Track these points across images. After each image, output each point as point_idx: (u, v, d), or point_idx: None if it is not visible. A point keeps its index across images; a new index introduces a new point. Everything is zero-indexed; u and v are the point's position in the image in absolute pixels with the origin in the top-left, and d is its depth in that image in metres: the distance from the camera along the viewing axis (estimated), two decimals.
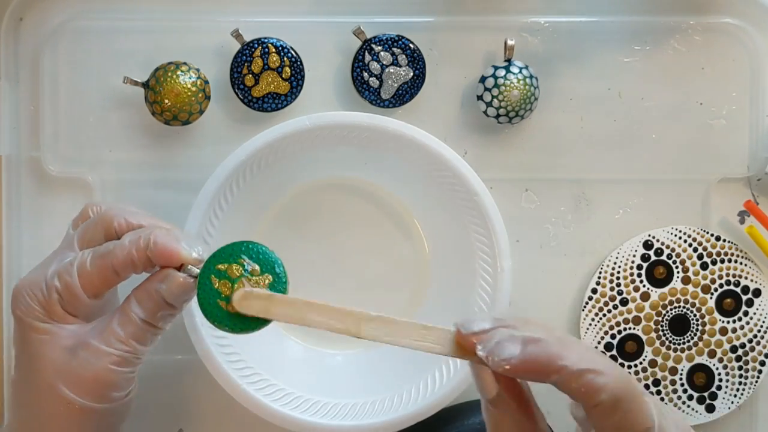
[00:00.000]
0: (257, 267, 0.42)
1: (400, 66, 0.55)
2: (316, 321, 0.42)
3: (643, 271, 0.57)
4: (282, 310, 0.42)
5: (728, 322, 0.57)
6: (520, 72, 0.55)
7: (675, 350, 0.57)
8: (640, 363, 0.57)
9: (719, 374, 0.57)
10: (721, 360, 0.57)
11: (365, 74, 0.55)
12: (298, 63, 0.55)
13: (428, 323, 0.41)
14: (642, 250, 0.57)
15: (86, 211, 0.48)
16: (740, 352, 0.57)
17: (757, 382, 0.57)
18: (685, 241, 0.57)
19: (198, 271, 0.43)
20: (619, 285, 0.57)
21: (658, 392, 0.57)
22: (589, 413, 0.37)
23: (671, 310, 0.57)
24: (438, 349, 0.41)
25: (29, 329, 0.44)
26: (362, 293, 0.57)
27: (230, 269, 0.42)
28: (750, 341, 0.57)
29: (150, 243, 0.43)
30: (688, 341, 0.57)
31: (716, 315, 0.57)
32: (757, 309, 0.57)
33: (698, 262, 0.57)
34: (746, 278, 0.57)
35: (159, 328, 0.44)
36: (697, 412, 0.57)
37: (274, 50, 0.55)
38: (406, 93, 0.56)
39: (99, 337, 0.43)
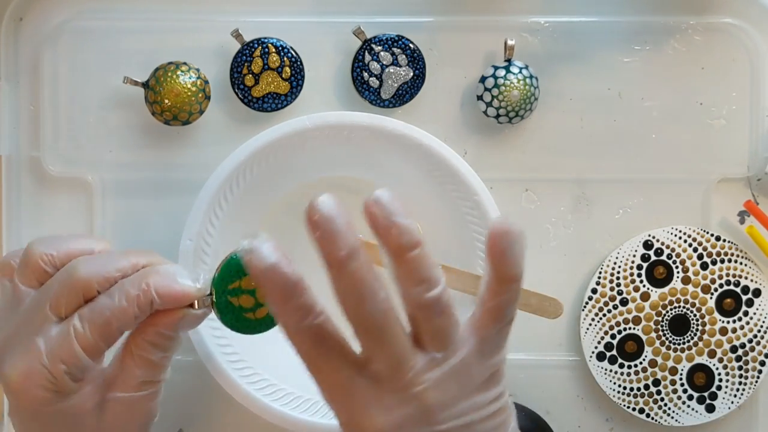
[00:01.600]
0: None
1: (400, 66, 0.55)
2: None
3: (643, 271, 0.57)
4: (369, 253, 0.48)
5: (728, 322, 0.57)
6: (520, 72, 0.55)
7: (675, 350, 0.57)
8: (640, 363, 0.57)
9: (719, 374, 0.57)
10: (721, 360, 0.57)
11: (365, 74, 0.55)
12: (298, 63, 0.55)
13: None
14: (642, 250, 0.57)
15: (8, 264, 0.45)
16: (740, 352, 0.57)
17: (757, 382, 0.57)
18: (685, 241, 0.57)
19: (209, 298, 0.42)
20: (619, 285, 0.57)
21: (658, 392, 0.57)
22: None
23: (671, 310, 0.57)
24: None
25: (51, 416, 0.42)
26: None
27: (244, 282, 0.42)
28: (750, 341, 0.57)
29: (152, 295, 0.41)
30: (688, 341, 0.57)
31: (716, 315, 0.57)
32: (757, 309, 0.57)
33: (698, 262, 0.57)
34: (746, 278, 0.57)
35: (172, 354, 0.45)
36: (697, 412, 0.57)
37: (274, 50, 0.55)
38: (406, 93, 0.56)
39: (125, 387, 0.43)
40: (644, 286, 0.57)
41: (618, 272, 0.57)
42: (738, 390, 0.57)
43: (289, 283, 0.37)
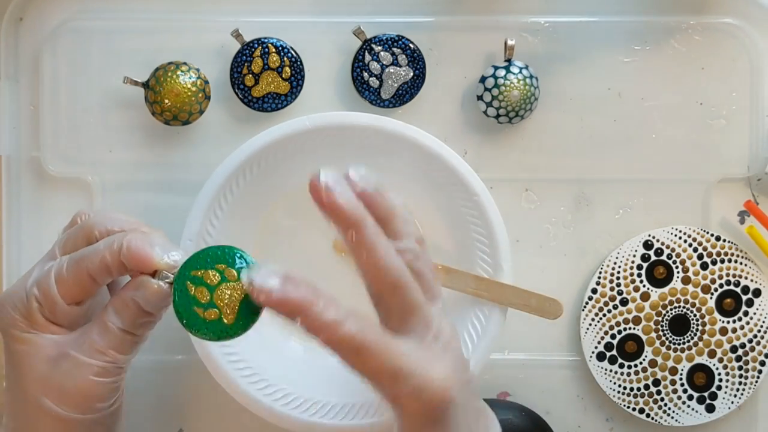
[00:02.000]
0: (234, 272, 0.41)
1: (400, 66, 0.55)
2: None
3: (643, 271, 0.57)
4: None
5: (728, 322, 0.57)
6: (520, 72, 0.55)
7: (675, 350, 0.57)
8: (640, 363, 0.57)
9: (719, 374, 0.57)
10: (721, 360, 0.57)
11: (365, 74, 0.55)
12: (298, 63, 0.55)
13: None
14: (642, 250, 0.57)
15: (75, 219, 0.47)
16: (740, 352, 0.57)
17: (757, 382, 0.57)
18: (685, 241, 0.57)
19: (173, 277, 0.42)
20: (619, 285, 0.57)
21: (658, 392, 0.57)
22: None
23: (671, 310, 0.57)
24: (486, 296, 0.53)
25: (12, 340, 0.43)
26: (362, 292, 0.57)
27: (207, 275, 0.41)
28: (750, 341, 0.57)
29: (123, 248, 0.42)
30: (688, 341, 0.57)
31: (716, 315, 0.57)
32: (757, 309, 0.57)
33: (698, 262, 0.57)
34: (746, 278, 0.57)
35: (138, 335, 0.44)
36: (697, 412, 0.57)
37: (274, 50, 0.55)
38: (406, 93, 0.56)
39: (79, 348, 0.43)
40: (644, 286, 0.57)
41: (618, 272, 0.57)
42: (738, 390, 0.57)
43: (305, 300, 0.38)
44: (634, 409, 0.57)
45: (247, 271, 0.39)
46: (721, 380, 0.57)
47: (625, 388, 0.57)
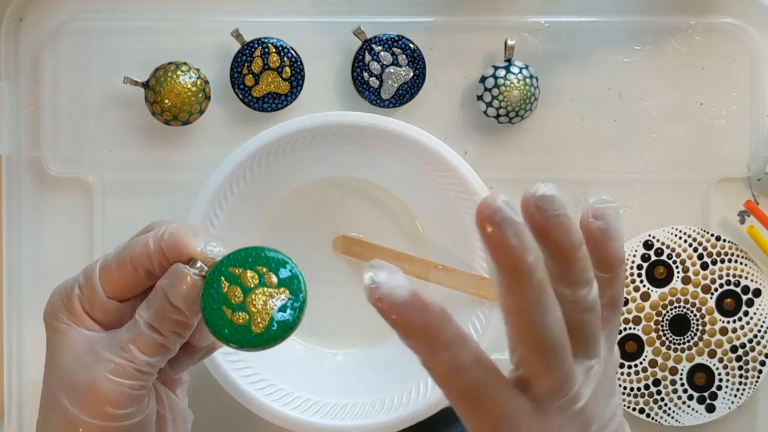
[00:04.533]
0: (275, 279, 0.38)
1: (400, 66, 0.55)
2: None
3: (643, 271, 0.57)
4: (371, 254, 0.54)
5: (728, 322, 0.57)
6: (520, 72, 0.55)
7: (675, 350, 0.57)
8: (640, 363, 0.57)
9: (719, 374, 0.57)
10: (721, 360, 0.57)
11: (365, 74, 0.55)
12: (298, 63, 0.55)
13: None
14: (642, 250, 0.57)
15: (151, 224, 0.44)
16: (740, 352, 0.57)
17: (757, 382, 0.57)
18: (685, 241, 0.57)
19: (207, 265, 0.38)
20: None
21: (658, 392, 0.57)
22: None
23: (671, 310, 0.57)
24: (486, 296, 0.52)
25: (50, 330, 0.40)
26: (362, 292, 0.57)
27: (244, 276, 0.37)
28: (750, 341, 0.57)
29: (165, 233, 0.39)
30: (688, 341, 0.57)
31: (716, 315, 0.57)
32: (757, 309, 0.57)
33: (698, 262, 0.57)
34: (746, 278, 0.57)
35: (164, 336, 0.39)
36: (697, 412, 0.57)
37: (274, 50, 0.55)
38: (406, 93, 0.56)
39: (104, 343, 0.39)
40: (644, 286, 0.57)
41: None
42: (738, 390, 0.57)
43: (429, 328, 0.32)
44: (634, 409, 0.57)
45: (371, 268, 0.32)
46: (721, 380, 0.57)
47: (625, 388, 0.57)
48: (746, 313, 0.57)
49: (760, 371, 0.57)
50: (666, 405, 0.57)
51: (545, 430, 0.34)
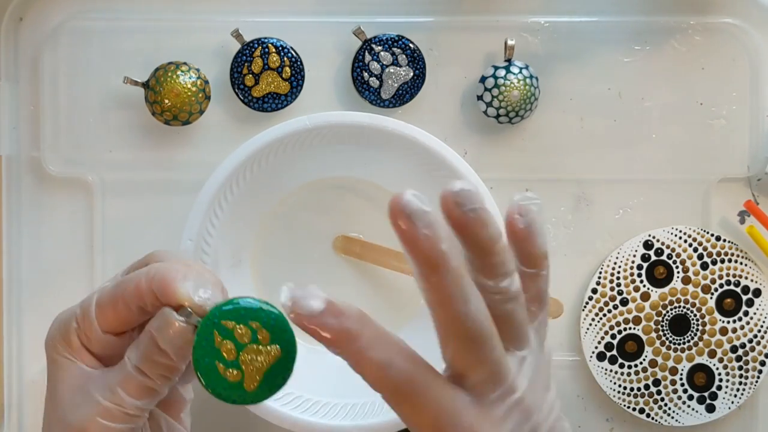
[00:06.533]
0: (267, 335, 0.37)
1: (400, 66, 0.55)
2: (392, 264, 0.55)
3: (643, 271, 0.57)
4: (371, 254, 0.55)
5: (728, 322, 0.57)
6: (520, 72, 0.55)
7: (675, 350, 0.57)
8: (640, 363, 0.57)
9: (719, 374, 0.57)
10: (721, 360, 0.57)
11: (365, 74, 0.55)
12: (298, 63, 0.55)
13: None
14: (642, 250, 0.57)
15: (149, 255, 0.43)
16: (740, 352, 0.57)
17: (757, 382, 0.57)
18: (685, 241, 0.57)
19: (199, 320, 0.37)
20: (619, 285, 0.57)
21: (658, 392, 0.57)
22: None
23: (671, 310, 0.57)
24: None
25: (50, 361, 0.40)
26: (362, 292, 0.57)
27: (237, 330, 0.36)
28: (750, 341, 0.57)
29: (153, 273, 0.38)
30: (688, 341, 0.57)
31: (716, 315, 0.57)
32: (757, 309, 0.57)
33: (698, 262, 0.57)
34: (746, 278, 0.57)
35: (151, 379, 0.38)
36: (697, 412, 0.57)
37: (274, 50, 0.55)
38: (406, 93, 0.56)
39: (96, 383, 0.39)
40: (644, 286, 0.57)
41: (618, 272, 0.57)
42: (738, 390, 0.57)
43: (349, 331, 0.33)
44: (634, 409, 0.57)
45: (288, 290, 0.33)
46: (721, 380, 0.57)
47: (625, 388, 0.57)
48: (746, 313, 0.57)
49: (760, 371, 0.57)
50: (666, 405, 0.57)
51: (486, 421, 0.35)
